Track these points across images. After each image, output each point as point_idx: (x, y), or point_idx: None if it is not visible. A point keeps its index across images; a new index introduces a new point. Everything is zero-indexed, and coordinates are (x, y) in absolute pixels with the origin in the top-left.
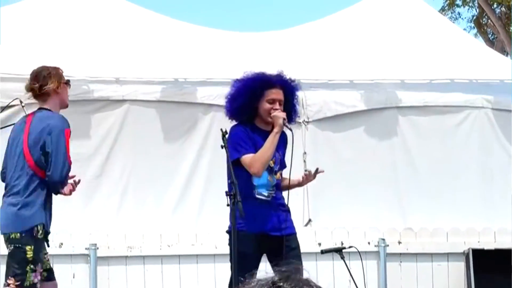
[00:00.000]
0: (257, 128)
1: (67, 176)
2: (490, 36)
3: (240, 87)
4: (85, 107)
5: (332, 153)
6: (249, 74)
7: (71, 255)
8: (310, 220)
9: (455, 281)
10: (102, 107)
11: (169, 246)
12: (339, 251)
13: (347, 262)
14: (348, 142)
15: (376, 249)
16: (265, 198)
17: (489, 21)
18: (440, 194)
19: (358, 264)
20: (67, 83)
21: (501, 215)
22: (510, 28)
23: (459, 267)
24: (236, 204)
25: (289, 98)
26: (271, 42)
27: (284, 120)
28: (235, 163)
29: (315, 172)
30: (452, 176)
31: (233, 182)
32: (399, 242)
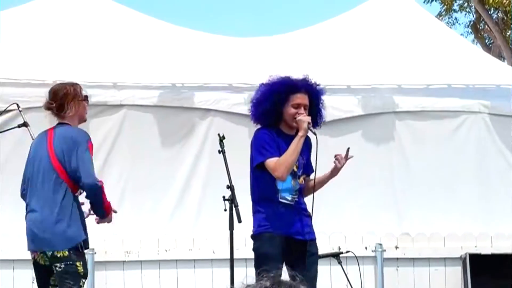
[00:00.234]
0: (282, 133)
1: (100, 184)
2: (487, 42)
3: (265, 91)
4: None
5: (330, 158)
6: (275, 78)
7: None
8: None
9: (452, 286)
10: (100, 112)
11: (167, 251)
12: (337, 256)
13: (344, 267)
14: (345, 147)
15: (373, 254)
16: (289, 203)
17: (486, 27)
18: (437, 199)
19: (355, 269)
20: (85, 99)
21: (498, 220)
22: (507, 34)
23: (456, 272)
24: (234, 209)
25: (315, 103)
26: (268, 48)
27: (309, 124)
28: (259, 167)
29: (346, 154)
30: (449, 181)
31: (230, 187)
32: (396, 247)
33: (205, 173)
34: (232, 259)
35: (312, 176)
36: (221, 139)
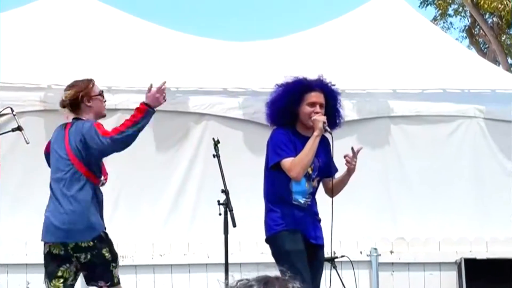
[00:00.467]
0: (298, 133)
1: (111, 134)
2: (482, 46)
3: (280, 92)
4: None
5: None
6: (289, 79)
7: None
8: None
9: None
10: None
11: (161, 256)
12: (331, 261)
13: (339, 272)
14: (340, 152)
15: (368, 259)
16: (301, 206)
17: (481, 31)
18: (432, 204)
19: (350, 274)
20: (100, 95)
21: (493, 225)
22: (502, 38)
23: (451, 277)
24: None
25: (331, 102)
26: (264, 52)
27: (324, 124)
28: (275, 167)
29: (353, 153)
30: (444, 186)
31: (225, 191)
32: (391, 252)
33: (200, 178)
34: (227, 264)
35: (336, 176)
36: (216, 144)
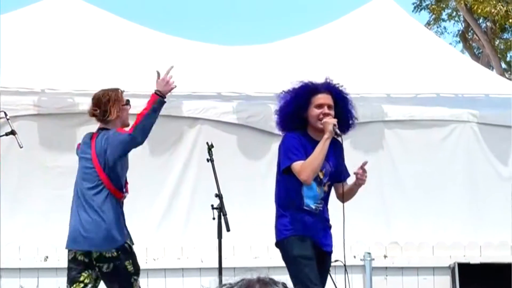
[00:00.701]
0: (310, 137)
1: (130, 131)
2: (476, 51)
3: (287, 98)
4: (71, 120)
5: None
6: (295, 83)
7: (56, 269)
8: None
9: None
10: (88, 120)
11: (155, 260)
12: None
13: (333, 276)
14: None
15: (362, 263)
16: (312, 211)
17: (475, 36)
18: (426, 208)
19: (344, 278)
20: (127, 104)
21: (487, 229)
22: (496, 43)
23: (445, 281)
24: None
25: (341, 104)
26: (257, 56)
27: (335, 126)
28: (286, 171)
29: (362, 167)
30: (438, 190)
31: (218, 195)
32: (385, 256)
33: (194, 182)
34: (221, 268)
35: (348, 181)
36: (210, 148)
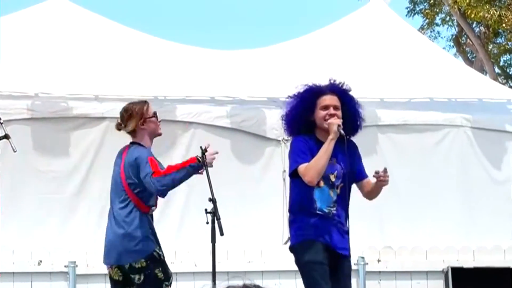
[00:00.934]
0: (318, 140)
1: (161, 176)
2: (469, 55)
3: (293, 102)
4: (64, 125)
5: None
6: (300, 87)
7: (50, 273)
8: (290, 238)
9: None
10: (82, 124)
11: None
12: None
13: None
14: None
15: (356, 267)
16: (325, 215)
17: (468, 40)
18: (419, 212)
19: None
20: (154, 116)
21: (480, 234)
22: (489, 47)
23: (438, 286)
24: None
25: (347, 104)
26: (250, 60)
27: (339, 127)
28: (295, 175)
29: (384, 172)
30: (431, 194)
31: (213, 200)
32: (379, 260)
33: (187, 186)
34: (214, 272)
35: (367, 180)
36: (203, 152)
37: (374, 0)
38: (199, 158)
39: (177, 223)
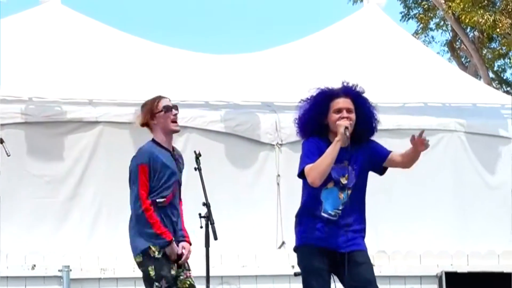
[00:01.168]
0: (330, 143)
1: (142, 209)
2: (464, 60)
3: (305, 105)
4: (58, 129)
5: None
6: (313, 91)
7: (44, 277)
8: (284, 243)
9: None
10: (76, 129)
11: None
12: None
13: None
14: None
15: None
16: (331, 218)
17: (463, 45)
18: (413, 217)
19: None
20: (163, 111)
21: (474, 238)
22: (483, 52)
23: None
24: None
25: (361, 106)
26: (245, 65)
27: (346, 129)
28: (303, 176)
29: (420, 135)
30: (425, 199)
31: (207, 204)
32: (372, 265)
33: (181, 190)
34: (208, 277)
35: (392, 155)
36: (197, 156)
37: (369, 5)
38: (168, 244)
39: None
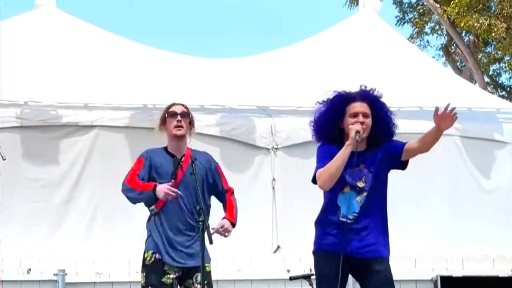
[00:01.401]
0: None
1: (127, 191)
2: (459, 64)
3: (321, 108)
4: (54, 133)
5: (301, 180)
6: (329, 94)
7: (39, 281)
8: (279, 247)
9: None
10: (71, 133)
11: (138, 272)
12: (308, 278)
13: None
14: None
15: None
16: (349, 221)
17: (458, 49)
18: (408, 221)
19: None
20: (169, 116)
21: (469, 242)
22: (478, 56)
23: None
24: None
25: (378, 110)
26: (240, 69)
27: (357, 133)
28: (316, 181)
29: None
30: (420, 203)
31: (202, 209)
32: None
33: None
34: (203, 281)
35: (408, 144)
36: (193, 161)
37: (364, 9)
38: (156, 188)
39: None
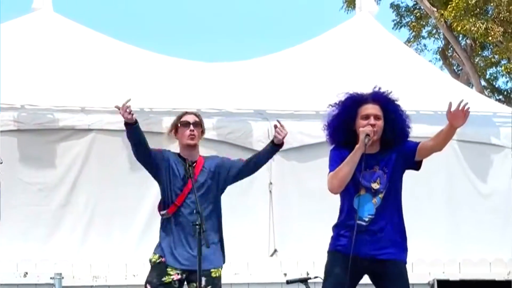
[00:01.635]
0: None
1: None
2: (456, 68)
3: (334, 111)
4: (51, 136)
5: (298, 183)
6: (341, 95)
7: (36, 285)
8: (276, 251)
9: None
10: (68, 136)
11: (135, 276)
12: (305, 282)
13: None
14: (314, 172)
15: None
16: (364, 224)
17: (455, 53)
18: (406, 225)
19: None
20: (182, 125)
21: (466, 246)
22: (475, 60)
23: None
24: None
25: (391, 112)
26: (237, 73)
27: (367, 136)
28: None
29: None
30: (418, 207)
31: (198, 212)
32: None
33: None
34: (201, 284)
35: (421, 144)
36: (190, 165)
37: (361, 13)
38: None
39: None
